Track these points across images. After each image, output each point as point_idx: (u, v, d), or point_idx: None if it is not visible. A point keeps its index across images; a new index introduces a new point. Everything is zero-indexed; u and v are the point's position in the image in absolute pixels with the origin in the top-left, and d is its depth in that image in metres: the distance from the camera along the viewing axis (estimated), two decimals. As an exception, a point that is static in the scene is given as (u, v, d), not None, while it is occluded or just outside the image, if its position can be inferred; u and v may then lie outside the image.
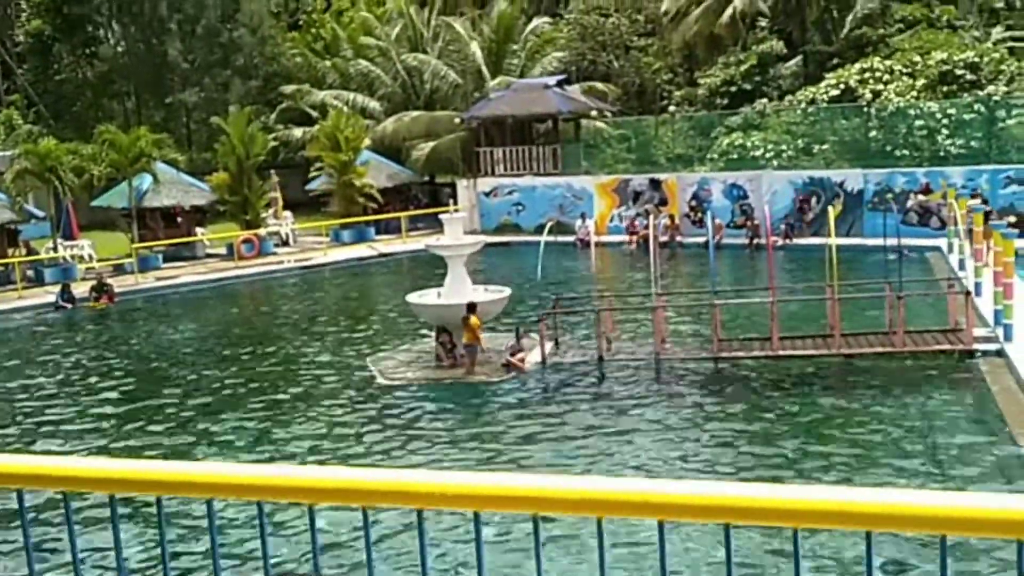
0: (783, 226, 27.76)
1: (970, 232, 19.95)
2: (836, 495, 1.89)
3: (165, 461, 2.39)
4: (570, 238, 30.19)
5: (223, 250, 32.33)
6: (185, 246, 32.17)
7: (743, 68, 35.59)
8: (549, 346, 16.82)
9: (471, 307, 16.11)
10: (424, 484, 2.11)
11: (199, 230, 33.39)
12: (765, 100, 33.57)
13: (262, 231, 32.96)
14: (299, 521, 9.56)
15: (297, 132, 40.81)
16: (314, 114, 40.20)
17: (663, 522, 2.03)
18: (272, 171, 36.59)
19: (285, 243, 34.46)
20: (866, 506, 1.87)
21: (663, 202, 31.06)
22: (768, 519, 1.96)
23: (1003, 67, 30.05)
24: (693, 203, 30.55)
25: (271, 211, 35.04)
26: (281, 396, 15.84)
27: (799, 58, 35.92)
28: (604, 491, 2.02)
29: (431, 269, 22.56)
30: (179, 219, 33.05)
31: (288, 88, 42.67)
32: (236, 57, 46.38)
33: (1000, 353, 14.54)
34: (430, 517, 2.23)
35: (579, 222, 31.18)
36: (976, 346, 14.92)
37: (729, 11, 36.75)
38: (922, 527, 1.88)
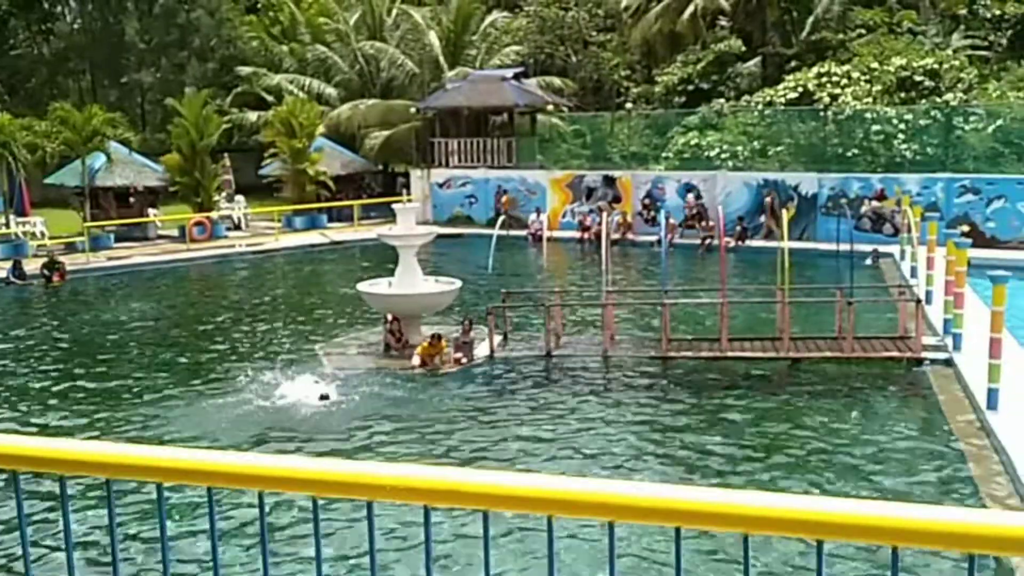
0: (737, 228, 28.00)
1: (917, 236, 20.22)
2: (789, 502, 1.90)
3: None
4: (522, 232, 30.19)
5: (175, 232, 32.22)
6: (137, 227, 31.95)
7: (701, 66, 35.68)
8: (497, 339, 16.80)
9: (436, 337, 16.10)
10: (375, 476, 2.10)
11: (151, 211, 33.10)
12: (722, 100, 33.72)
13: (214, 214, 32.69)
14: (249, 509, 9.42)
15: (252, 116, 40.31)
16: (269, 98, 39.75)
17: (614, 523, 2.01)
18: (225, 154, 36.21)
19: (237, 227, 34.21)
20: (820, 515, 1.87)
21: (616, 199, 31.18)
22: (720, 524, 1.96)
23: (962, 75, 30.26)
24: (647, 201, 30.68)
25: (223, 194, 34.68)
26: (227, 380, 15.58)
27: (758, 59, 36.09)
28: (557, 490, 2.01)
29: (382, 258, 22.42)
30: (132, 199, 32.64)
31: (244, 70, 42.07)
32: (193, 38, 45.78)
33: (948, 362, 14.57)
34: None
35: (533, 216, 31.20)
36: (925, 354, 14.92)
37: (690, 8, 36.89)
38: (875, 538, 1.87)
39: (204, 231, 31.31)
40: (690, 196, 29.80)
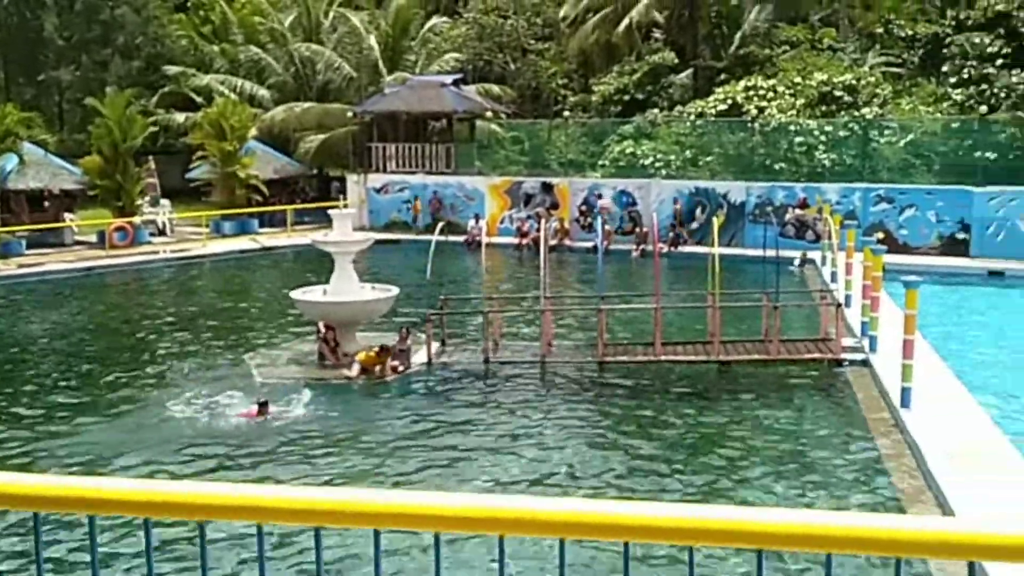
0: (670, 234, 28.45)
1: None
2: (729, 514, 1.95)
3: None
4: (460, 238, 30.20)
5: (93, 238, 30.79)
6: (52, 232, 30.61)
7: (636, 77, 36.31)
8: (436, 346, 16.77)
9: (383, 349, 15.91)
10: (323, 501, 2.07)
11: (68, 215, 31.76)
12: (656, 110, 34.34)
13: (137, 219, 31.57)
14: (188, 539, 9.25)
15: (179, 117, 39.35)
16: (198, 99, 38.97)
17: (564, 540, 2.06)
18: (150, 157, 35.18)
19: (162, 232, 33.06)
20: (758, 525, 1.92)
21: (554, 206, 31.41)
22: (664, 538, 2.00)
23: (878, 91, 31.51)
24: (583, 208, 30.99)
25: (147, 198, 33.59)
26: (152, 394, 15.07)
27: (690, 71, 36.87)
28: (507, 509, 2.01)
29: (317, 265, 22.17)
30: (46, 203, 31.49)
31: (172, 69, 41.03)
32: (117, 35, 44.43)
33: (865, 363, 15.19)
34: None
35: (472, 222, 31.24)
36: (844, 356, 15.54)
37: (626, 21, 37.43)
38: (811, 546, 1.95)
39: (126, 237, 30.03)
40: (601, 201, 30.27)
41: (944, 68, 31.88)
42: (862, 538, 1.90)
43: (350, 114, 35.97)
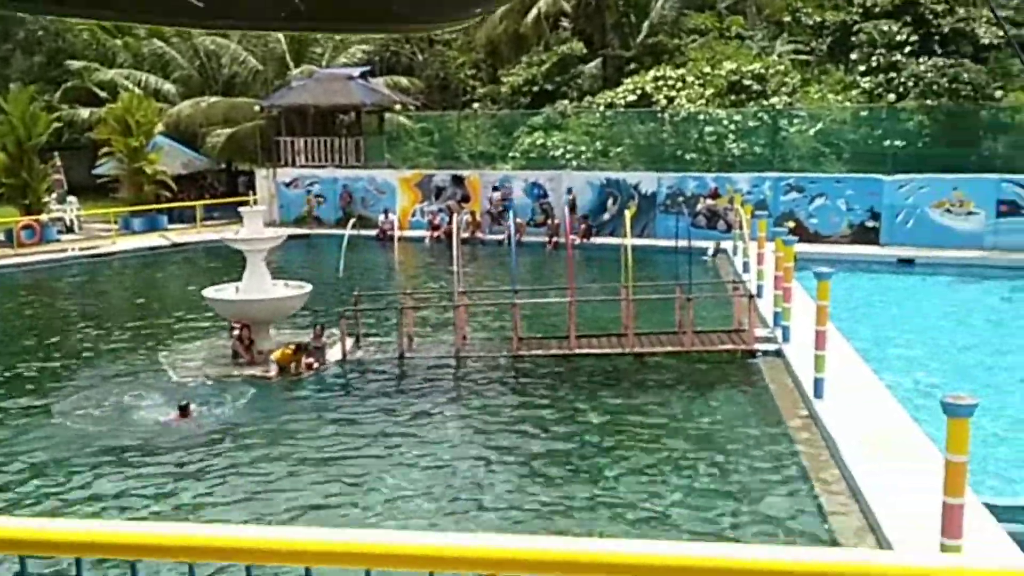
0: (581, 226, 28.64)
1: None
2: (665, 549, 1.98)
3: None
4: (372, 232, 29.94)
5: (1, 236, 30.15)
6: (-46, 232, 29.78)
7: (545, 68, 36.35)
8: (350, 343, 16.62)
9: (300, 347, 15.71)
10: (254, 540, 2.07)
11: (-30, 214, 30.89)
12: (566, 101, 34.46)
13: (44, 216, 30.99)
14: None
15: (84, 112, 38.19)
16: (102, 94, 37.84)
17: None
18: (55, 153, 34.23)
19: (70, 230, 32.39)
20: (689, 560, 1.95)
21: (465, 199, 31.36)
22: (605, 573, 2.02)
23: (787, 79, 31.97)
24: (495, 199, 30.99)
25: (54, 195, 32.80)
26: (60, 397, 14.61)
27: (599, 61, 37.03)
28: (440, 547, 2.03)
29: (228, 261, 21.73)
30: (-54, 202, 30.42)
31: (75, 64, 39.81)
32: (17, 31, 42.88)
33: (779, 353, 15.36)
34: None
35: (382, 216, 31.00)
36: (757, 346, 15.73)
37: (534, 11, 37.47)
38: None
39: (33, 235, 29.69)
40: (495, 194, 30.46)
41: (852, 56, 32.03)
42: (793, 571, 1.93)
43: (257, 108, 35.35)
